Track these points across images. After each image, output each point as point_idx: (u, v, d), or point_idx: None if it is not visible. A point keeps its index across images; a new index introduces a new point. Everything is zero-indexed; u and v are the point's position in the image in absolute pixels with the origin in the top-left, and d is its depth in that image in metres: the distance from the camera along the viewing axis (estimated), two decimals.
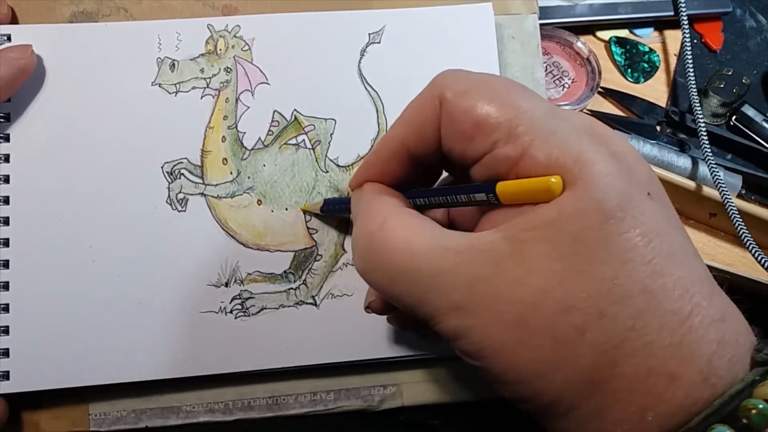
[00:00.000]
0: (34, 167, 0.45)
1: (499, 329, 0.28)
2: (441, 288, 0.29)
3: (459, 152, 0.31)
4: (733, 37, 0.66)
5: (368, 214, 0.33)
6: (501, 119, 0.29)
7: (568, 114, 0.30)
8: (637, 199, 0.27)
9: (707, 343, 0.26)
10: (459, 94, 0.30)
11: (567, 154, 0.27)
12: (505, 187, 0.29)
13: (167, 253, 0.45)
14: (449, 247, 0.29)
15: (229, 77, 0.47)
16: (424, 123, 0.32)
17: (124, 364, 0.44)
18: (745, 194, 0.60)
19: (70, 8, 0.48)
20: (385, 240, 0.31)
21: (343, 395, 0.47)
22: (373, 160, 0.36)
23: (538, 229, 0.27)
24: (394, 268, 0.30)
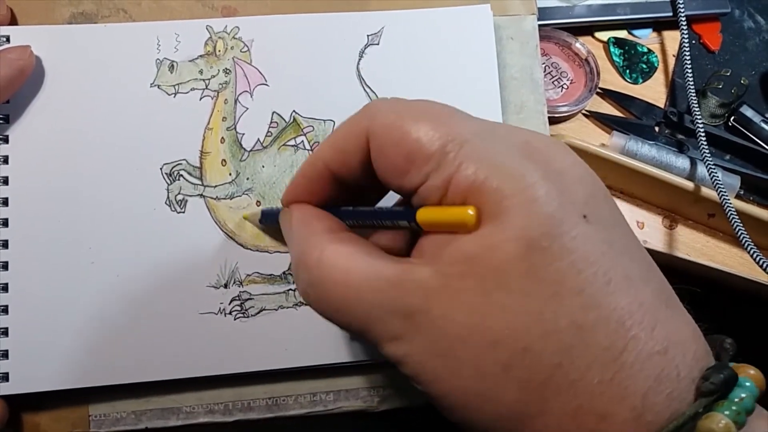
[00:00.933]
0: (33, 169, 0.45)
1: (431, 359, 0.27)
2: (379, 318, 0.29)
3: (395, 185, 0.30)
4: (732, 38, 0.66)
5: (302, 245, 0.32)
6: (432, 150, 0.28)
7: (505, 132, 0.29)
8: (568, 224, 0.26)
9: (642, 379, 0.25)
10: (387, 126, 0.29)
11: (490, 179, 0.26)
12: (424, 216, 0.28)
13: (166, 255, 0.45)
14: (384, 278, 0.29)
15: (228, 78, 0.47)
16: (349, 152, 0.32)
17: (124, 366, 0.44)
18: (744, 195, 0.60)
19: (70, 9, 0.48)
20: (322, 275, 0.30)
21: (342, 396, 0.47)
22: (299, 181, 0.35)
23: (461, 264, 0.26)
24: (335, 301, 0.30)
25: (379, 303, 0.28)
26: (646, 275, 0.27)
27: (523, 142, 0.28)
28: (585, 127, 0.61)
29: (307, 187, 0.35)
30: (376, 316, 0.29)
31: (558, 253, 0.25)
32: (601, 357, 0.25)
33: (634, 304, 0.25)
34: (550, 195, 0.26)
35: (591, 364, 0.25)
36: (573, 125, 0.60)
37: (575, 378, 0.25)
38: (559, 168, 0.27)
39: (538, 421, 0.26)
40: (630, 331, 0.25)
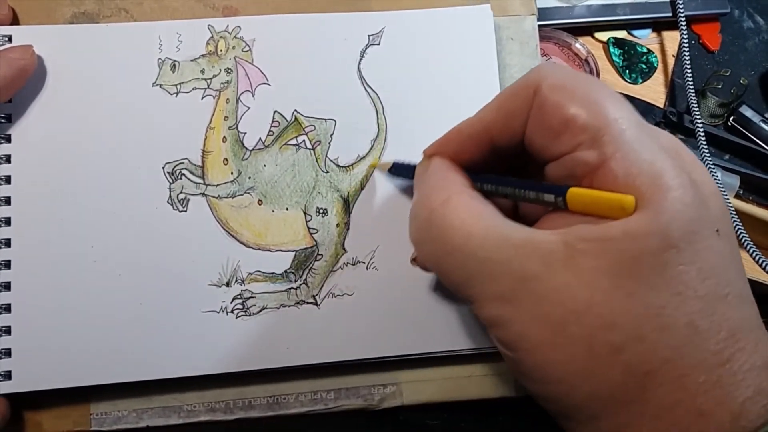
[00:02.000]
0: (36, 168, 0.45)
1: (539, 328, 0.28)
2: (490, 275, 0.29)
3: (540, 146, 0.31)
4: (731, 38, 0.66)
5: (433, 187, 0.33)
6: (590, 123, 0.29)
7: (656, 132, 0.30)
8: (704, 233, 0.27)
9: (744, 388, 0.26)
10: (554, 88, 0.30)
11: (646, 174, 0.27)
12: (576, 195, 0.29)
13: (168, 253, 0.45)
14: (506, 238, 0.29)
15: (229, 78, 0.47)
16: (513, 111, 0.32)
17: (126, 364, 0.44)
18: (743, 194, 0.60)
19: (71, 9, 0.48)
20: (445, 217, 0.31)
21: (343, 394, 0.47)
22: (453, 137, 0.36)
23: (598, 243, 0.27)
24: (449, 245, 0.31)
25: (495, 259, 0.29)
26: (750, 296, 0.29)
27: (672, 147, 0.30)
28: None
29: (457, 145, 0.36)
30: (488, 272, 0.29)
31: (691, 258, 0.26)
32: (710, 360, 0.26)
33: (744, 320, 0.27)
34: (695, 203, 0.27)
35: (699, 364, 0.26)
36: None
37: (681, 374, 0.26)
38: (700, 179, 0.29)
39: (635, 407, 0.27)
40: (738, 342, 0.26)
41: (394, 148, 0.47)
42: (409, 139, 0.48)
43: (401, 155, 0.47)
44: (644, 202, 0.27)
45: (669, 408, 0.26)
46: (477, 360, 0.47)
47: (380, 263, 0.46)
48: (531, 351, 0.28)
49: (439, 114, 0.48)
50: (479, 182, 0.35)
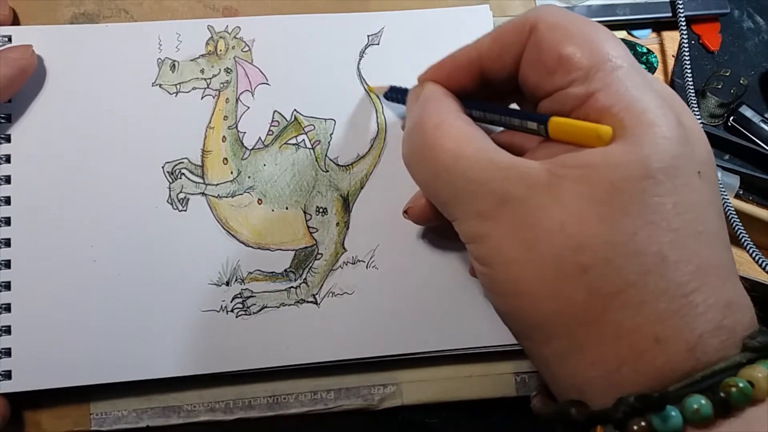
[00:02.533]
0: (35, 168, 0.45)
1: (513, 244, 0.29)
2: (475, 193, 0.30)
3: (534, 82, 0.32)
4: (731, 38, 0.66)
5: (428, 111, 0.34)
6: (585, 61, 0.30)
7: (651, 77, 0.31)
8: (685, 170, 0.27)
9: (704, 322, 0.26)
10: (551, 26, 0.31)
11: (632, 108, 0.28)
12: (556, 123, 0.30)
13: (168, 253, 0.45)
14: (493, 161, 0.30)
15: (229, 78, 0.47)
16: (508, 45, 0.33)
17: (126, 364, 0.44)
18: (743, 195, 0.60)
19: (71, 9, 0.48)
20: (437, 138, 0.32)
21: (343, 394, 0.47)
22: (447, 63, 0.37)
23: (578, 169, 0.28)
24: (439, 165, 0.32)
25: (481, 180, 0.30)
26: (726, 242, 0.29)
27: (665, 92, 0.30)
28: None
29: (450, 72, 0.37)
30: (472, 191, 0.30)
31: (669, 190, 0.27)
32: (673, 290, 0.26)
33: (714, 258, 0.28)
34: (679, 140, 0.28)
35: (662, 292, 0.26)
36: None
37: (644, 300, 0.26)
38: (688, 124, 0.29)
39: (595, 327, 0.27)
40: (705, 278, 0.27)
41: (394, 148, 0.47)
42: None
43: (400, 154, 0.47)
44: (627, 133, 0.27)
45: (627, 331, 0.27)
46: (477, 360, 0.47)
47: (380, 262, 0.46)
48: (503, 265, 0.29)
49: None
50: (469, 107, 0.36)
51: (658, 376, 0.26)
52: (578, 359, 0.28)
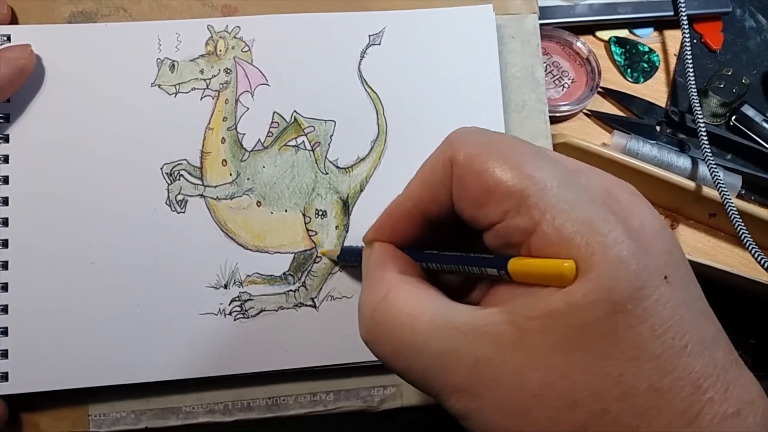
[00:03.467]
0: (34, 168, 0.45)
1: (502, 416, 0.27)
2: (444, 367, 0.28)
3: (470, 217, 0.30)
4: (733, 37, 0.66)
5: (373, 282, 0.32)
6: (512, 188, 0.28)
7: (585, 180, 0.29)
8: (651, 286, 0.25)
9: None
10: (470, 156, 0.29)
11: (579, 233, 0.26)
12: (517, 266, 0.28)
13: (166, 255, 0.45)
14: (453, 325, 0.28)
15: (228, 78, 0.47)
16: (436, 185, 0.31)
17: (124, 366, 0.44)
18: (745, 194, 0.60)
19: (70, 8, 0.48)
20: (387, 312, 0.30)
21: (342, 396, 0.47)
22: (384, 221, 0.35)
23: (544, 319, 0.26)
24: (397, 342, 0.29)
25: (445, 350, 0.28)
26: (716, 336, 0.27)
27: (605, 192, 0.29)
28: (586, 126, 0.61)
29: (391, 228, 0.35)
30: (441, 365, 0.28)
31: (640, 316, 0.25)
32: (677, 420, 0.25)
33: (709, 367, 0.26)
34: (636, 255, 0.25)
35: (667, 426, 0.25)
36: (574, 124, 0.60)
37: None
38: (639, 223, 0.27)
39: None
40: (705, 394, 0.25)
41: (395, 150, 0.47)
42: (409, 140, 0.47)
43: (401, 156, 0.47)
44: (583, 266, 0.25)
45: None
46: None
47: None
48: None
49: (440, 115, 0.48)
50: (423, 261, 0.34)
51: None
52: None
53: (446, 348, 0.28)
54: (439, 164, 0.31)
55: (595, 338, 0.25)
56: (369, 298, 0.31)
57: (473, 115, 0.48)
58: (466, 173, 0.29)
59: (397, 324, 0.29)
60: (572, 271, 0.25)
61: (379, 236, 0.35)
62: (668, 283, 0.26)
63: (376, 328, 0.30)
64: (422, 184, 0.32)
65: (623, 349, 0.25)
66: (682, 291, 0.27)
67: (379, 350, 0.31)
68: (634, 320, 0.25)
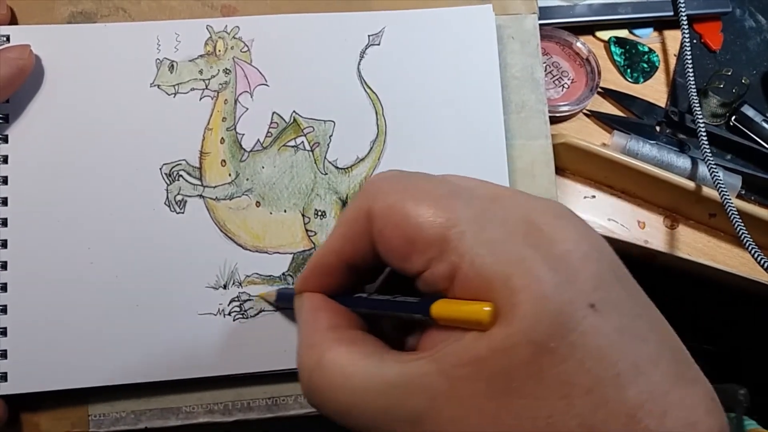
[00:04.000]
0: (33, 168, 0.45)
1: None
2: (387, 424, 0.28)
3: (397, 267, 0.30)
4: (733, 37, 0.66)
5: (306, 343, 0.32)
6: (432, 236, 0.27)
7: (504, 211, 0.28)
8: (575, 319, 0.25)
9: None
10: (385, 210, 0.29)
11: (497, 274, 0.25)
12: (439, 311, 0.28)
13: (166, 255, 0.45)
14: (388, 382, 0.28)
15: (228, 79, 0.47)
16: (358, 237, 0.31)
17: (123, 366, 0.44)
18: (745, 194, 0.60)
19: (69, 8, 0.48)
20: (323, 378, 0.30)
21: None
22: (310, 273, 0.35)
23: (469, 366, 0.25)
24: (339, 406, 0.29)
25: (383, 408, 0.28)
26: (656, 355, 0.26)
27: (525, 222, 0.27)
28: (586, 126, 0.61)
29: (319, 278, 0.35)
30: (382, 422, 0.28)
31: (566, 353, 0.24)
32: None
33: (644, 393, 0.25)
34: (557, 288, 0.25)
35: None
36: (574, 125, 0.60)
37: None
38: (563, 249, 0.26)
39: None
40: (640, 423, 0.24)
41: (394, 150, 0.47)
42: (408, 140, 0.47)
43: (401, 157, 0.47)
44: (504, 308, 0.25)
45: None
46: None
47: None
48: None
49: (439, 115, 0.48)
50: (354, 306, 0.34)
51: None
52: None
53: (386, 405, 0.28)
54: (358, 217, 0.31)
55: (522, 381, 0.25)
56: (304, 361, 0.31)
57: (472, 116, 0.48)
58: (384, 226, 0.29)
59: (335, 388, 0.29)
60: (490, 315, 0.25)
61: (307, 287, 0.35)
62: (595, 311, 0.25)
63: (316, 393, 0.30)
64: (344, 238, 0.32)
65: (552, 389, 0.24)
66: (612, 315, 0.25)
67: (324, 412, 0.31)
68: (559, 358, 0.24)
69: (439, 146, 0.47)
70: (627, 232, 0.58)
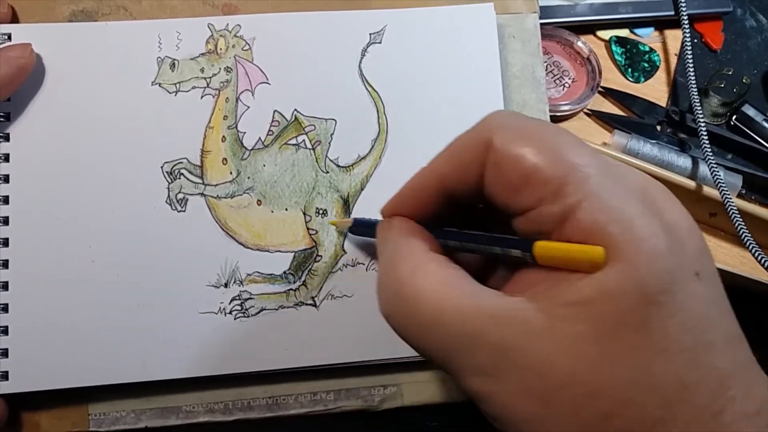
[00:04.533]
0: (34, 167, 0.45)
1: (524, 401, 0.27)
2: (468, 348, 0.28)
3: (502, 202, 0.30)
4: (734, 37, 0.66)
5: (398, 256, 0.32)
6: (550, 175, 0.27)
7: (623, 173, 0.29)
8: (683, 281, 0.25)
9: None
10: (508, 141, 0.29)
11: (615, 222, 0.26)
12: (543, 249, 0.27)
13: (167, 254, 0.45)
14: (482, 309, 0.28)
15: (229, 77, 0.47)
16: (467, 164, 0.31)
17: (124, 365, 0.44)
18: (746, 194, 0.60)
19: (70, 7, 0.48)
20: (416, 290, 0.29)
21: (343, 395, 0.47)
22: (407, 193, 0.34)
23: (574, 307, 0.26)
24: (423, 321, 0.29)
25: (471, 332, 0.28)
26: (739, 335, 0.27)
27: (641, 187, 0.28)
28: (587, 125, 0.61)
29: (414, 201, 0.34)
30: (465, 346, 0.28)
31: (672, 310, 0.25)
32: (701, 415, 0.25)
33: (733, 365, 0.26)
34: (671, 249, 0.25)
35: (691, 420, 0.25)
36: (574, 124, 0.60)
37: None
38: (674, 220, 0.27)
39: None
40: (728, 392, 0.25)
41: (395, 148, 0.47)
42: (410, 138, 0.47)
43: (402, 155, 0.47)
44: (617, 255, 0.25)
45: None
46: None
47: None
48: (518, 424, 0.27)
49: (440, 113, 0.48)
50: (443, 238, 0.33)
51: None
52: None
53: (473, 330, 0.28)
54: (473, 144, 0.30)
55: (626, 329, 0.25)
56: (396, 272, 0.31)
57: (473, 115, 0.47)
58: (503, 158, 0.29)
59: (425, 303, 0.29)
60: (602, 258, 0.25)
61: (399, 210, 0.35)
62: (699, 280, 0.26)
63: (402, 306, 0.30)
64: (451, 162, 0.32)
65: (653, 342, 0.25)
66: (711, 288, 0.27)
67: (402, 326, 0.31)
68: (665, 313, 0.25)
69: (440, 144, 0.46)
70: None
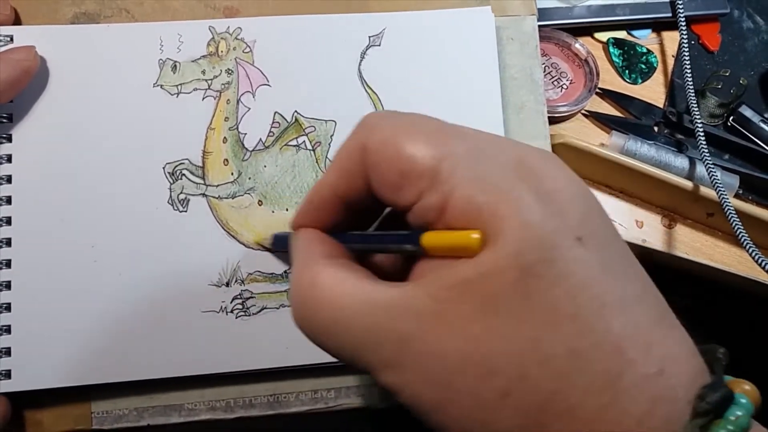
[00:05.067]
0: (37, 167, 0.45)
1: (428, 388, 0.27)
2: (372, 344, 0.28)
3: (390, 201, 0.30)
4: (731, 38, 0.66)
5: (300, 266, 0.32)
6: (424, 168, 0.27)
7: (496, 149, 0.29)
8: (563, 247, 0.25)
9: (638, 403, 0.24)
10: (381, 142, 0.29)
11: (487, 203, 0.26)
12: (428, 241, 0.28)
13: (169, 253, 0.45)
14: (376, 303, 0.28)
15: (230, 79, 0.47)
16: (352, 173, 0.31)
17: (126, 363, 0.44)
18: (743, 194, 0.60)
19: (72, 9, 0.48)
20: (314, 295, 0.30)
21: (344, 393, 0.47)
22: (305, 208, 0.35)
23: (458, 288, 0.26)
24: (325, 323, 0.30)
25: (370, 327, 0.28)
26: (640, 294, 0.27)
27: (517, 160, 0.28)
28: (584, 127, 0.61)
29: (314, 213, 0.35)
30: (368, 342, 0.28)
31: (553, 279, 0.25)
32: (598, 382, 0.25)
33: (629, 327, 0.25)
34: (544, 218, 0.25)
35: (588, 389, 0.25)
36: (572, 125, 0.61)
37: (573, 403, 0.25)
38: (552, 187, 0.27)
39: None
40: (625, 355, 0.25)
41: None
42: None
43: None
44: (492, 234, 0.25)
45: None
46: None
47: None
48: (428, 412, 0.27)
49: (439, 115, 0.47)
50: (346, 242, 0.34)
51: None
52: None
53: (371, 324, 0.28)
54: (353, 151, 0.31)
55: (509, 304, 0.25)
56: (299, 281, 0.31)
57: (472, 116, 0.48)
58: (379, 159, 0.29)
59: (324, 306, 0.29)
60: (478, 241, 0.25)
61: (304, 222, 0.35)
62: (582, 244, 0.26)
63: (306, 312, 0.31)
64: (339, 172, 0.32)
65: (539, 313, 0.25)
66: (598, 251, 0.26)
67: (309, 332, 0.31)
68: (546, 283, 0.25)
69: None
70: (625, 232, 0.58)
